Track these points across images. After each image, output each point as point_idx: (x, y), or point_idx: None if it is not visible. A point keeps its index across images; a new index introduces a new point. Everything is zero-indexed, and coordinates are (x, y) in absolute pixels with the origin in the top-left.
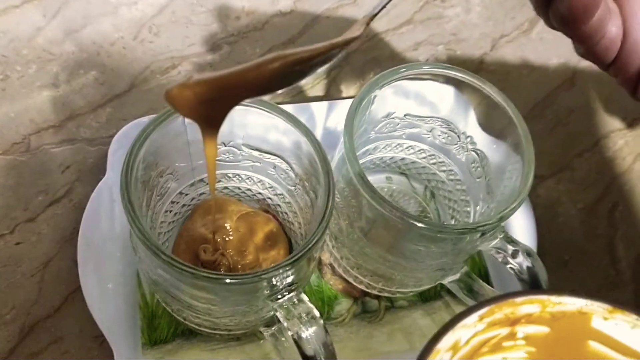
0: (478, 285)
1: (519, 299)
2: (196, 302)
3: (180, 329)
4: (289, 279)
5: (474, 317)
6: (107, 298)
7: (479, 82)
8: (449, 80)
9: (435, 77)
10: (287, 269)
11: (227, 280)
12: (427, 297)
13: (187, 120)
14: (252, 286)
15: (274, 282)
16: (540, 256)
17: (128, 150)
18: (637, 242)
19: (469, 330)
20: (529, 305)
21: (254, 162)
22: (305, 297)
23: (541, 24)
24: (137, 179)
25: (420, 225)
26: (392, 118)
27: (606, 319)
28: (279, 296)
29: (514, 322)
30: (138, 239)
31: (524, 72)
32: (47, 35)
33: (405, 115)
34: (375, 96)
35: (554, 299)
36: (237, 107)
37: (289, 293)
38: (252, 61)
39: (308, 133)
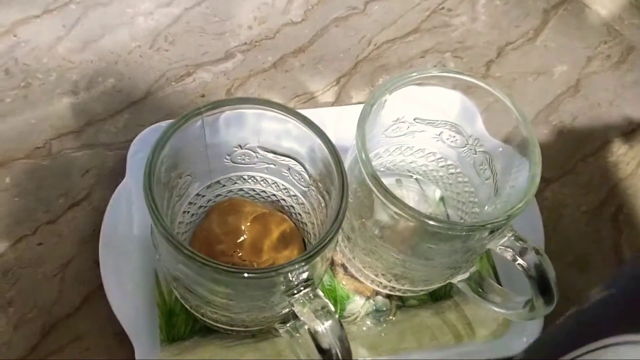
0: (487, 284)
1: None
2: (215, 297)
3: (197, 327)
4: (304, 275)
5: None
6: (127, 297)
7: (488, 86)
8: (457, 85)
9: (443, 82)
10: (302, 264)
11: (246, 275)
12: (437, 297)
13: (205, 125)
14: (269, 281)
15: (290, 278)
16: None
17: (150, 152)
18: None
19: None
20: None
21: (269, 164)
22: (320, 293)
23: (546, 32)
24: (158, 179)
25: (431, 223)
26: (402, 122)
27: None
28: (295, 291)
29: None
30: (161, 235)
31: (529, 79)
32: (66, 45)
33: (414, 119)
34: (385, 100)
35: None
36: (253, 111)
37: (304, 288)
38: None
39: (323, 136)
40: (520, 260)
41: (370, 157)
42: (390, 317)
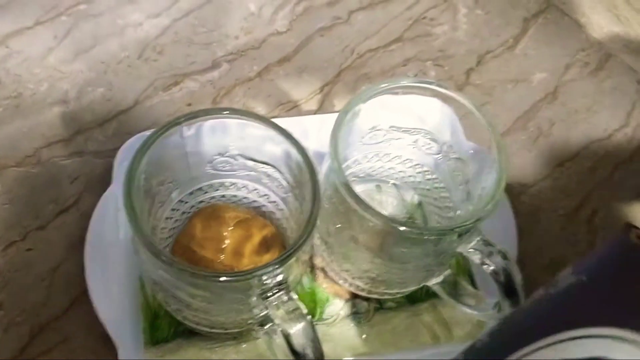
0: (461, 287)
1: None
2: (194, 300)
3: (180, 329)
4: (279, 278)
5: None
6: (112, 300)
7: (457, 95)
8: (426, 92)
9: (418, 91)
10: (276, 267)
11: (222, 278)
12: (414, 299)
13: (185, 134)
14: (245, 283)
15: (265, 281)
16: (523, 260)
17: (130, 161)
18: None
19: None
20: None
21: (249, 171)
22: (294, 296)
23: (525, 40)
24: (138, 187)
25: (402, 228)
26: (379, 129)
27: None
28: (270, 294)
29: None
30: (140, 242)
31: (509, 87)
32: (57, 55)
33: (390, 127)
34: (360, 109)
35: None
36: (232, 120)
37: (279, 292)
38: None
39: (297, 143)
40: (487, 264)
41: (348, 165)
42: (369, 319)
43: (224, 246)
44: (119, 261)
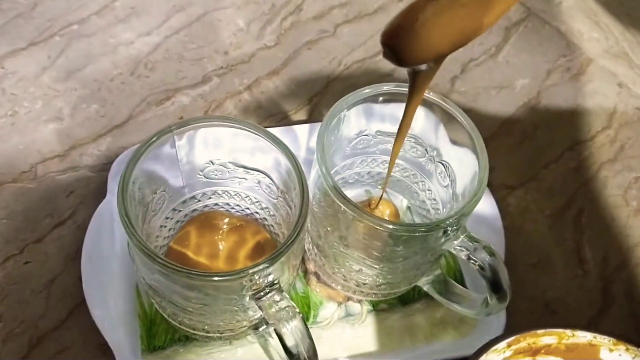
0: (450, 286)
1: (540, 331)
2: (189, 302)
3: (177, 336)
4: (270, 277)
5: (503, 344)
6: (108, 309)
7: (442, 101)
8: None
9: (396, 97)
10: (267, 265)
11: (215, 278)
12: (406, 301)
13: (177, 142)
14: (237, 283)
15: (257, 280)
16: (510, 260)
17: (123, 169)
18: (603, 244)
19: (499, 355)
20: (549, 337)
21: (240, 178)
22: (286, 295)
23: (507, 48)
24: (132, 196)
25: (389, 227)
26: (365, 135)
27: (612, 351)
28: (262, 294)
29: (535, 352)
30: (135, 247)
31: (492, 93)
32: (52, 74)
33: (376, 132)
34: (344, 116)
35: (569, 332)
36: (222, 129)
37: (270, 292)
38: None
39: (286, 149)
40: (473, 259)
41: (337, 170)
42: (362, 321)
43: (218, 252)
44: (115, 271)
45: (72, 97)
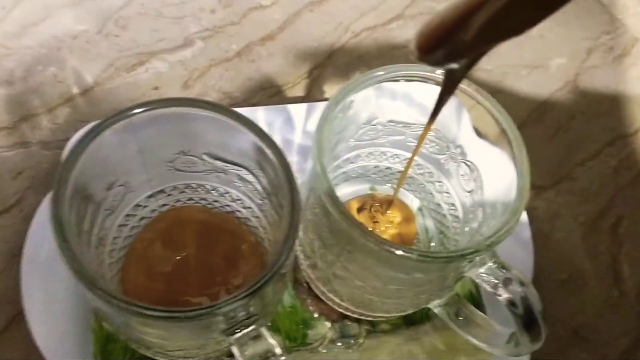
0: (467, 312)
1: None
2: (146, 336)
3: (137, 355)
4: (249, 309)
5: None
6: (53, 321)
7: (466, 87)
8: (429, 80)
9: (413, 79)
10: (243, 301)
11: (178, 314)
12: (411, 321)
13: (137, 127)
14: (206, 322)
15: (231, 315)
16: (536, 276)
17: (61, 164)
18: None
19: None
20: None
21: (218, 172)
22: (266, 332)
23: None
24: (75, 194)
25: (398, 252)
26: (374, 124)
27: None
28: (237, 330)
29: None
30: (70, 269)
31: (523, 73)
32: (4, 28)
33: (388, 122)
34: (352, 101)
35: None
36: (196, 114)
37: (247, 327)
38: None
39: (272, 143)
40: (502, 293)
41: (338, 164)
42: (360, 344)
43: (189, 261)
44: (63, 274)
45: (26, 56)
